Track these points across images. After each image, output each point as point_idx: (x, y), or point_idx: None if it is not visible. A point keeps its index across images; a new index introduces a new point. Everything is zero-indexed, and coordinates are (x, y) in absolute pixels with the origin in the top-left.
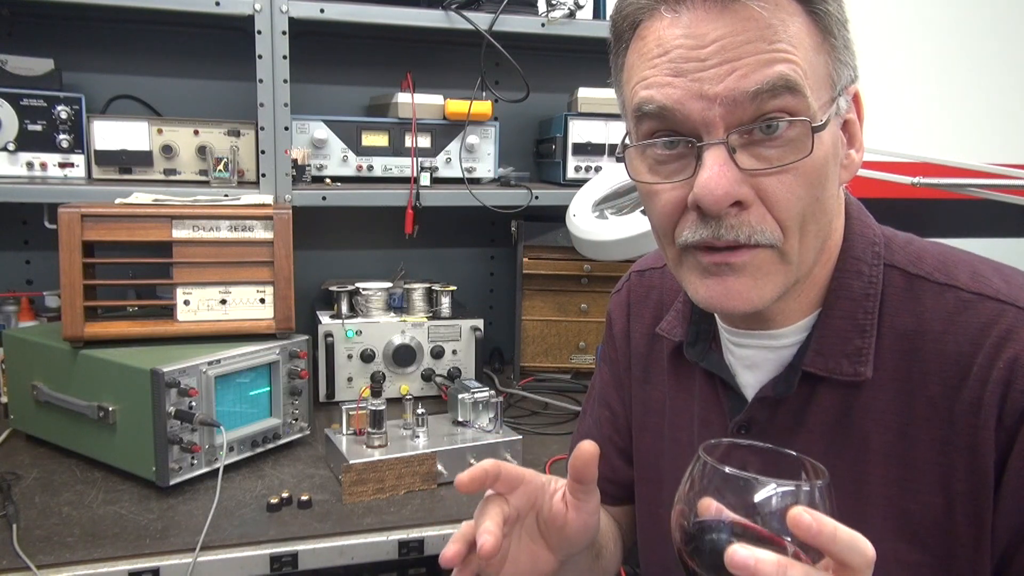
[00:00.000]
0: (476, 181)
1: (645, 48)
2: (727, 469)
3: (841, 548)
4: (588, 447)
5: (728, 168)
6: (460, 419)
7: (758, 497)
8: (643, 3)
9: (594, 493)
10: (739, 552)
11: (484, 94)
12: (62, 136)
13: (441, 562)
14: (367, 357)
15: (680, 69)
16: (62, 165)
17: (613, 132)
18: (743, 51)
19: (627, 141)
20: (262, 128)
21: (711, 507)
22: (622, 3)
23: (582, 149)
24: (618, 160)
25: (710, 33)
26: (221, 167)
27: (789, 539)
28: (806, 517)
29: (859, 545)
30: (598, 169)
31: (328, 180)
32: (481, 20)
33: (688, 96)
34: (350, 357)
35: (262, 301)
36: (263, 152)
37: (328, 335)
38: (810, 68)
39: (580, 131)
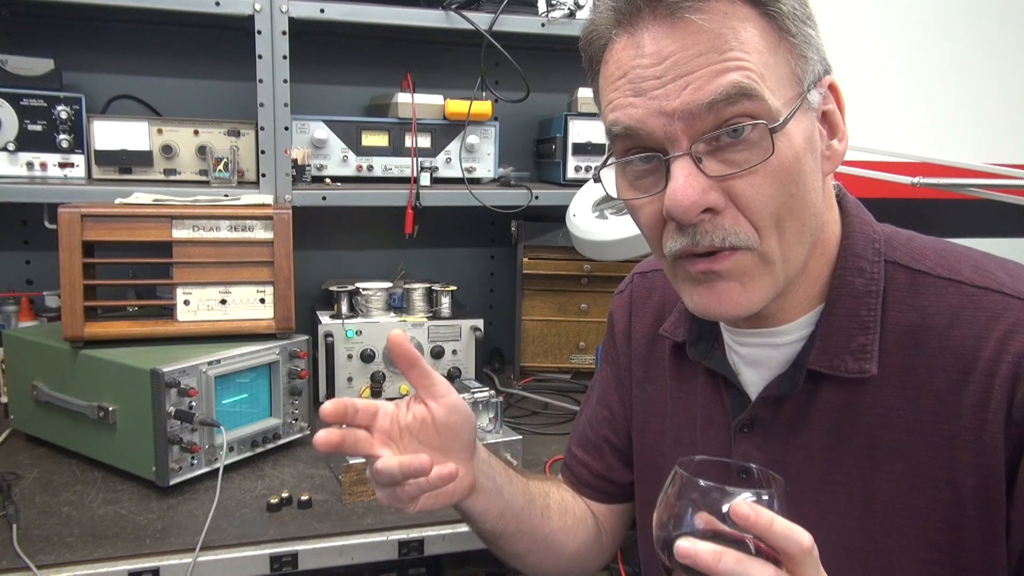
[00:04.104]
0: (476, 181)
1: (608, 72)
2: (701, 482)
3: (777, 537)
4: (394, 336)
5: (694, 178)
6: None
7: (727, 504)
8: (601, 30)
9: (435, 375)
10: (683, 544)
11: (484, 94)
12: (62, 136)
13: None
14: (367, 357)
15: (639, 88)
16: (62, 165)
17: None
18: (695, 64)
19: (607, 161)
20: (262, 128)
21: (686, 515)
22: (585, 32)
23: (582, 149)
24: (595, 181)
25: (663, 50)
26: (221, 167)
27: (751, 538)
28: (744, 509)
29: (794, 535)
30: None
31: (328, 180)
32: (481, 20)
33: (649, 114)
34: (350, 357)
35: (262, 301)
36: (263, 152)
37: (328, 335)
38: (767, 70)
39: (580, 131)
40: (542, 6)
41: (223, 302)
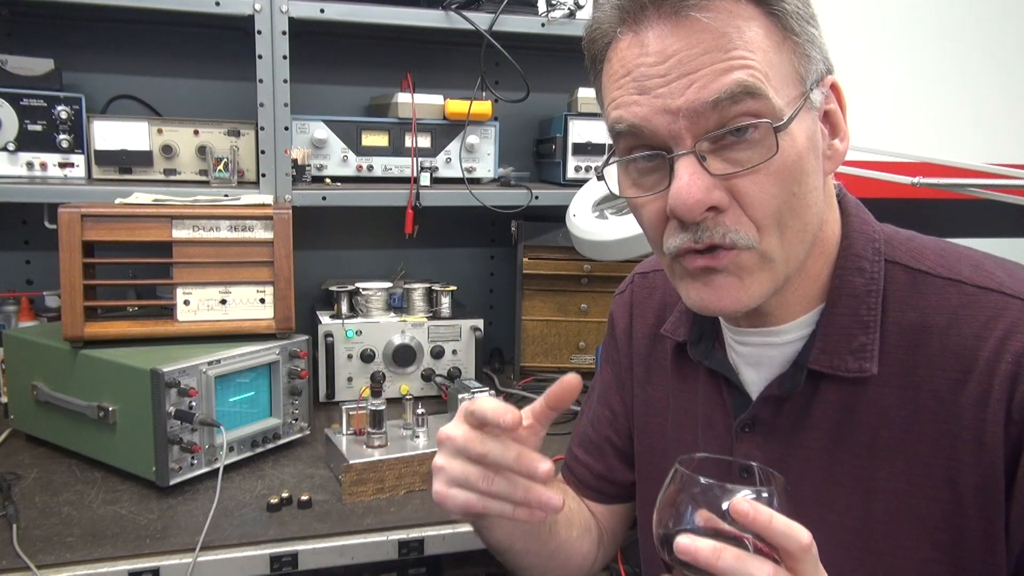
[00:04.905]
0: (476, 181)
1: (612, 70)
2: (701, 479)
3: (776, 534)
4: (573, 382)
5: (698, 176)
6: None
7: (727, 502)
8: (605, 28)
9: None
10: (682, 541)
11: (484, 94)
12: (62, 136)
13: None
14: (367, 357)
15: (644, 87)
16: (62, 165)
17: None
18: (700, 63)
19: (610, 159)
20: (262, 128)
21: (687, 512)
22: (588, 30)
23: (582, 149)
24: (599, 179)
25: (668, 49)
26: (221, 167)
27: (751, 536)
28: (744, 506)
29: (793, 532)
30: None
31: (328, 180)
32: (481, 20)
33: (653, 112)
34: (350, 357)
35: (262, 301)
36: (263, 152)
37: (328, 335)
38: (771, 69)
39: (580, 131)
40: (542, 6)
41: (223, 302)
